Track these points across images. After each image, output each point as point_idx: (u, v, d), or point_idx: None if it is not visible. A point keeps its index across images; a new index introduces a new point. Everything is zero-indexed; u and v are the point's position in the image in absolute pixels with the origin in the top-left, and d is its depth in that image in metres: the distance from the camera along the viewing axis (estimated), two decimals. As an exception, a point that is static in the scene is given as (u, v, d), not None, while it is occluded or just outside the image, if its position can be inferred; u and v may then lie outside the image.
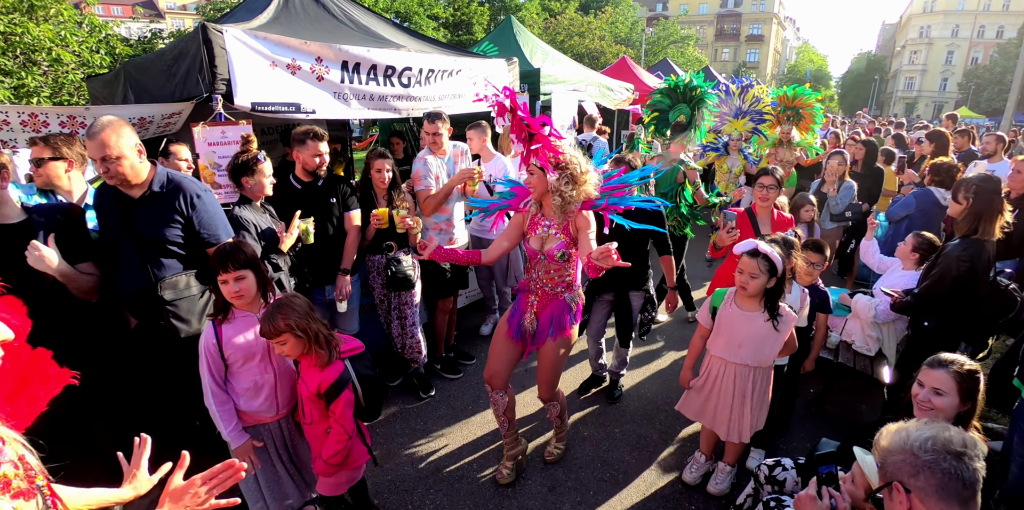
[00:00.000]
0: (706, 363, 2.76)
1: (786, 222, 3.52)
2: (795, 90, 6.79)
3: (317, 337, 1.99)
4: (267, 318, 1.94)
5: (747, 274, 2.44)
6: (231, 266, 2.02)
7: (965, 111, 32.28)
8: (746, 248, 2.46)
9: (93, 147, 2.11)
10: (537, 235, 2.65)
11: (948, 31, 51.53)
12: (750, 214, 3.58)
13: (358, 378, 2.11)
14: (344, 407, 2.03)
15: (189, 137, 3.33)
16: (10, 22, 6.93)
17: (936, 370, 1.85)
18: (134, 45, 10.29)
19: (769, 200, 3.49)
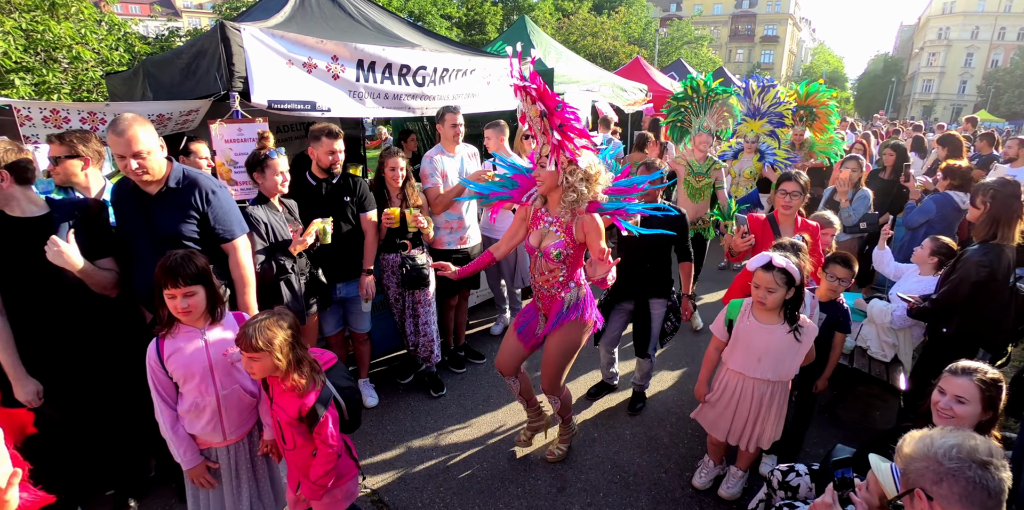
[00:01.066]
0: (720, 376, 2.67)
1: (812, 230, 3.34)
2: (808, 87, 6.37)
3: (299, 363, 1.88)
4: (251, 329, 1.81)
5: (764, 289, 2.36)
6: (180, 281, 1.88)
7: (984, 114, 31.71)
8: (760, 263, 2.37)
9: (122, 143, 2.11)
10: (538, 230, 2.58)
11: (968, 33, 50.74)
12: (772, 222, 3.39)
13: (338, 391, 2.01)
14: (331, 426, 1.94)
15: (206, 134, 3.37)
16: (32, 20, 7.05)
17: (959, 378, 1.82)
18: (152, 43, 10.42)
19: (792, 207, 3.30)
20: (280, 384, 1.90)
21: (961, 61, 51.46)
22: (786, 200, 3.29)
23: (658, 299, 3.37)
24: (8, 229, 2.13)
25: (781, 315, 2.42)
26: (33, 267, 2.13)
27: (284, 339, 1.83)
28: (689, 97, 5.34)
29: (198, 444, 2.07)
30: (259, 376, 1.89)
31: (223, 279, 2.39)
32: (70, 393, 2.32)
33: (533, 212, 2.61)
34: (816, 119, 6.30)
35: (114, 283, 2.32)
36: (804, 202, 3.35)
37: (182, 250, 1.96)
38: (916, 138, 8.07)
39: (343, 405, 2.01)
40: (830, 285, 2.98)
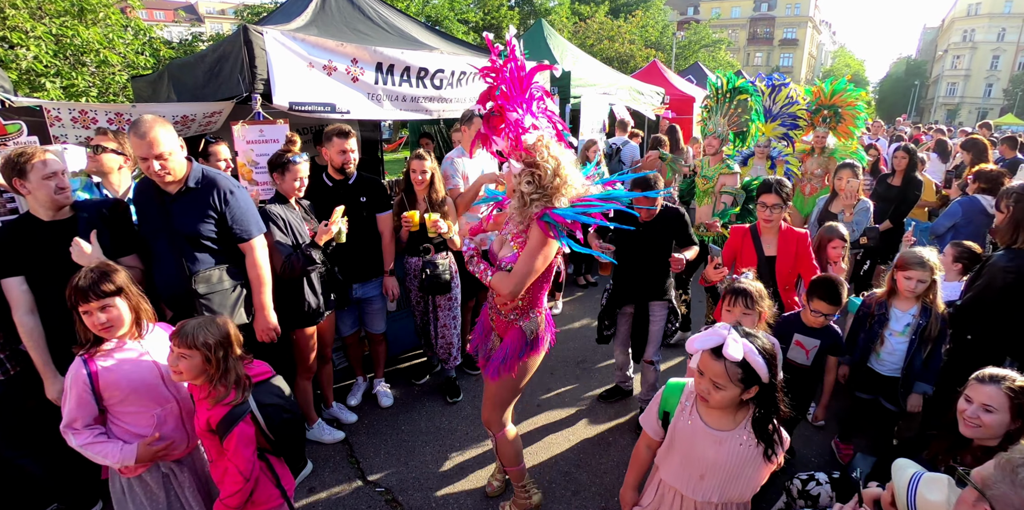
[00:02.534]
0: (654, 480, 1.93)
1: (795, 239, 3.04)
2: (834, 85, 5.67)
3: (225, 374, 1.78)
4: (189, 326, 1.76)
5: (708, 381, 1.59)
6: (92, 296, 1.77)
7: (1011, 118, 30.99)
8: (707, 345, 1.59)
9: (144, 145, 2.16)
10: (501, 236, 2.32)
11: (993, 35, 49.67)
12: (754, 233, 3.15)
13: (261, 408, 1.84)
14: (238, 444, 1.76)
15: (228, 135, 3.43)
16: (62, 25, 7.25)
17: (986, 386, 1.77)
18: (176, 48, 10.65)
19: (774, 221, 3.05)
20: (199, 391, 1.83)
21: (987, 64, 50.37)
22: (766, 213, 3.03)
23: (658, 302, 3.30)
24: (37, 232, 2.20)
25: (742, 421, 1.66)
26: (61, 267, 2.18)
27: (220, 343, 1.77)
28: (712, 96, 5.00)
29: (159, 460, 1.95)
30: (185, 377, 1.79)
31: (239, 279, 2.43)
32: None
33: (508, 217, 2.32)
34: (841, 121, 5.66)
35: (137, 280, 2.36)
36: (785, 213, 3.12)
37: (96, 264, 1.86)
38: (939, 141, 7.90)
39: (261, 422, 1.84)
40: (815, 319, 2.69)
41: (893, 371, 2.78)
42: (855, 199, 4.01)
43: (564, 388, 3.89)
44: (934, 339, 2.68)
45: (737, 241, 3.18)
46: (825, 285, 2.64)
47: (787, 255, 3.05)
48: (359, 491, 2.85)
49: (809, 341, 2.74)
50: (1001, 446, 1.77)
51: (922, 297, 2.69)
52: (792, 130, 5.83)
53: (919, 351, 2.69)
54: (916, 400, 2.73)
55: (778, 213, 3.03)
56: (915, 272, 2.65)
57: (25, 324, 2.17)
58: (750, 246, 3.13)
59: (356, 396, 3.62)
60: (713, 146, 4.52)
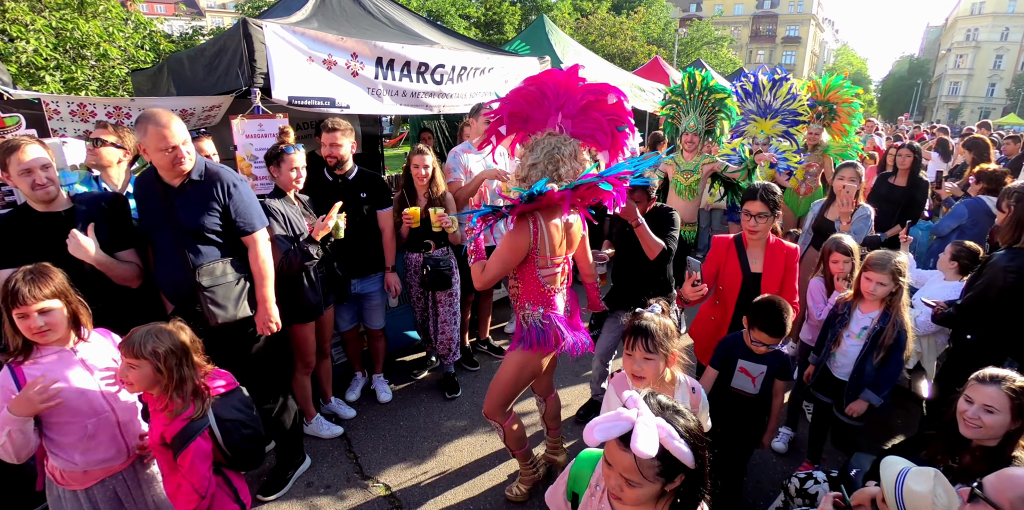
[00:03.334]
0: None
1: (783, 254, 2.72)
2: (829, 81, 5.45)
3: (180, 384, 1.69)
4: (137, 335, 1.67)
5: (618, 476, 1.27)
6: (30, 299, 1.66)
7: (1014, 118, 30.93)
8: (611, 434, 1.25)
9: (168, 136, 2.15)
10: None
11: (997, 34, 49.47)
12: (739, 244, 2.80)
13: (220, 423, 1.76)
14: (194, 460, 1.68)
15: (227, 129, 3.41)
16: (62, 18, 7.22)
17: (987, 386, 1.76)
18: (176, 41, 10.61)
19: (760, 232, 2.70)
20: (156, 402, 1.73)
21: (990, 63, 50.19)
22: (751, 223, 2.67)
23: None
24: (34, 223, 2.19)
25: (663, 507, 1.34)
26: (57, 260, 2.17)
27: (170, 351, 1.68)
28: (682, 93, 4.80)
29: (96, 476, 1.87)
30: (136, 389, 1.70)
31: (242, 272, 2.42)
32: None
33: None
34: (836, 118, 5.46)
35: (135, 275, 2.36)
36: (774, 223, 2.77)
37: (32, 265, 1.77)
38: (941, 140, 7.88)
39: (219, 438, 1.75)
40: (756, 348, 2.41)
41: (845, 375, 2.69)
42: (854, 205, 3.59)
43: (561, 384, 3.88)
44: (888, 347, 2.55)
45: (720, 253, 2.84)
46: (766, 312, 2.31)
47: (774, 272, 2.71)
48: (357, 486, 2.85)
49: (755, 367, 2.46)
50: (1000, 446, 1.77)
51: (886, 302, 2.58)
52: (793, 127, 5.56)
53: (870, 356, 2.58)
54: (859, 406, 2.61)
55: (764, 223, 2.66)
56: (875, 274, 2.53)
57: None
58: (735, 260, 2.79)
59: (355, 391, 3.62)
60: (692, 143, 4.54)
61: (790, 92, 5.45)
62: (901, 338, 2.55)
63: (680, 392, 2.04)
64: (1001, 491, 1.28)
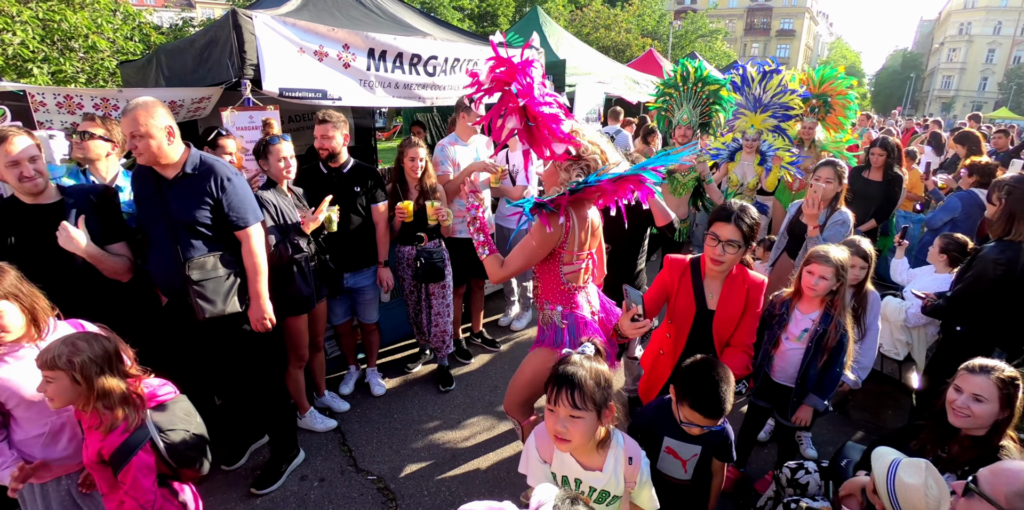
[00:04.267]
0: None
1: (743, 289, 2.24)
2: (823, 73, 5.23)
3: (104, 395, 1.58)
4: (52, 345, 1.58)
5: None
6: None
7: (1005, 112, 31.10)
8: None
9: (125, 123, 2.15)
10: None
11: (990, 28, 49.64)
12: (695, 269, 2.30)
13: (162, 434, 1.68)
14: (136, 475, 1.59)
15: (218, 122, 3.38)
16: (49, 9, 7.10)
17: (976, 376, 1.78)
18: (166, 33, 10.47)
19: (725, 264, 2.20)
20: (88, 419, 1.63)
21: (982, 57, 50.39)
22: (717, 251, 2.15)
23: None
24: (23, 215, 2.16)
25: None
26: (46, 253, 2.15)
27: (89, 360, 1.56)
28: (675, 85, 4.60)
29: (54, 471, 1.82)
30: (58, 404, 1.59)
31: (233, 268, 2.41)
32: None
33: None
34: (831, 111, 5.24)
35: (126, 268, 2.34)
36: (743, 255, 2.25)
37: None
38: (934, 134, 7.91)
39: (162, 450, 1.68)
40: (687, 429, 1.89)
41: (785, 379, 2.52)
42: (820, 208, 3.09)
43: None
44: (831, 349, 2.38)
45: (673, 278, 2.33)
46: (698, 387, 1.77)
47: (730, 311, 2.24)
48: (351, 479, 2.85)
49: (686, 449, 1.97)
50: (988, 436, 1.79)
51: (827, 302, 2.40)
52: (784, 121, 5.09)
53: (814, 361, 2.41)
54: (805, 413, 2.47)
55: (733, 254, 2.14)
56: (817, 266, 2.35)
57: None
58: (688, 290, 2.30)
59: (348, 385, 3.62)
60: (686, 137, 4.40)
61: (780, 85, 5.10)
62: (844, 339, 2.39)
63: (613, 460, 1.64)
64: (996, 486, 1.29)
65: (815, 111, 5.24)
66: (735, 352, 2.27)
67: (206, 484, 2.72)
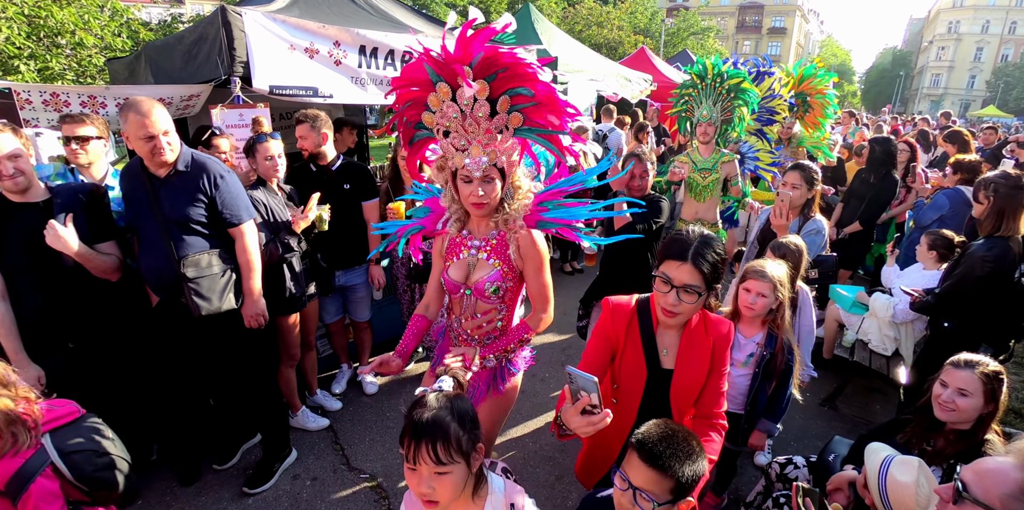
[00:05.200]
0: None
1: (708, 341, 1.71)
2: (803, 69, 5.09)
3: None
4: None
5: None
6: None
7: (993, 110, 31.48)
8: None
9: (148, 124, 2.11)
10: (462, 261, 1.92)
11: (978, 27, 50.11)
12: (643, 313, 1.74)
13: (64, 456, 1.54)
14: (38, 503, 1.46)
15: (207, 119, 3.35)
16: (35, 5, 7.00)
17: (961, 370, 1.81)
18: (155, 29, 10.36)
19: (681, 315, 1.63)
20: None
21: (971, 55, 50.87)
22: (670, 299, 1.58)
23: None
24: (9, 214, 2.14)
25: None
26: (34, 252, 2.13)
27: None
28: (695, 84, 4.46)
29: None
30: None
31: (228, 264, 2.40)
32: (72, 377, 2.33)
33: (449, 241, 1.98)
34: (810, 110, 5.09)
35: (115, 267, 2.32)
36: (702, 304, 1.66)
37: None
38: (921, 131, 7.98)
39: (67, 474, 1.54)
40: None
41: (734, 407, 2.32)
42: (789, 218, 2.83)
43: (548, 373, 3.91)
44: (779, 373, 2.25)
45: (617, 329, 1.76)
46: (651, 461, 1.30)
47: (692, 371, 1.70)
48: (343, 478, 2.85)
49: None
50: (973, 430, 1.82)
51: (769, 321, 2.27)
52: (768, 126, 5.09)
53: (763, 387, 2.27)
54: (759, 439, 2.37)
55: (691, 303, 1.57)
56: (754, 283, 2.19)
57: None
58: (636, 344, 1.74)
59: (341, 383, 3.61)
60: (708, 134, 4.15)
61: (770, 89, 5.03)
62: (792, 361, 2.26)
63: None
64: (988, 490, 1.25)
65: (794, 110, 5.09)
66: (703, 427, 1.72)
67: (198, 484, 2.73)
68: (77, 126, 2.51)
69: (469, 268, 1.91)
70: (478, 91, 1.62)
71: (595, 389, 1.34)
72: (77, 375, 2.34)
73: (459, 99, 1.64)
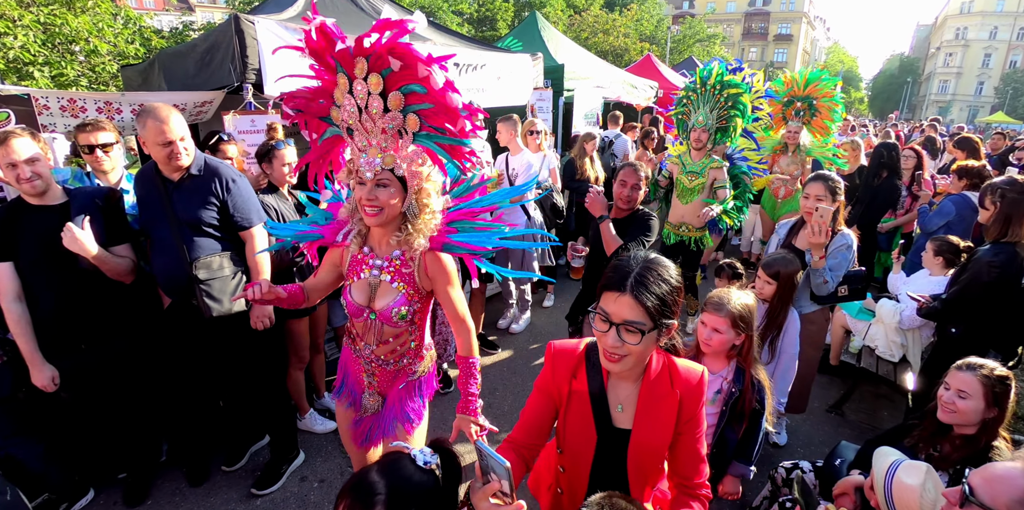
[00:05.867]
0: None
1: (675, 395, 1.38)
2: (807, 74, 4.95)
3: None
4: None
5: None
6: None
7: (1001, 116, 31.31)
8: None
9: (166, 130, 2.17)
10: (363, 282, 1.77)
11: (986, 33, 49.96)
12: (592, 368, 1.42)
13: None
14: None
15: (220, 125, 3.41)
16: (50, 13, 7.14)
17: (963, 373, 1.83)
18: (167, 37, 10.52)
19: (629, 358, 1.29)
20: None
21: (979, 62, 50.69)
22: (609, 340, 1.27)
23: None
24: (28, 216, 2.19)
25: None
26: (51, 254, 2.18)
27: None
28: (695, 89, 4.46)
29: None
30: None
31: (240, 266, 2.44)
32: (85, 378, 2.37)
33: (351, 258, 1.81)
34: (816, 115, 4.88)
35: (129, 270, 2.36)
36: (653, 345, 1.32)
37: None
38: (928, 138, 7.96)
39: None
40: None
41: None
42: (827, 235, 2.59)
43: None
44: (749, 414, 2.04)
45: (559, 381, 1.44)
46: None
47: (652, 432, 1.38)
48: (351, 480, 2.87)
49: None
50: (978, 435, 1.82)
51: (735, 355, 2.07)
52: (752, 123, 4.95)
53: (731, 427, 2.06)
54: (732, 485, 2.13)
55: (636, 344, 1.25)
56: (709, 316, 1.96)
57: (13, 311, 2.16)
58: (582, 399, 1.42)
59: (348, 387, 3.63)
60: (701, 140, 4.21)
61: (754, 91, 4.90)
62: (762, 397, 2.04)
63: None
64: (996, 495, 1.25)
65: (799, 115, 4.92)
66: (684, 498, 1.43)
67: (207, 484, 2.76)
68: (98, 133, 2.56)
69: (371, 290, 1.75)
70: (372, 85, 1.48)
71: (507, 476, 1.12)
72: (90, 375, 2.38)
73: (355, 93, 1.52)
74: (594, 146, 5.30)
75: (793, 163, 4.75)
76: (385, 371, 1.88)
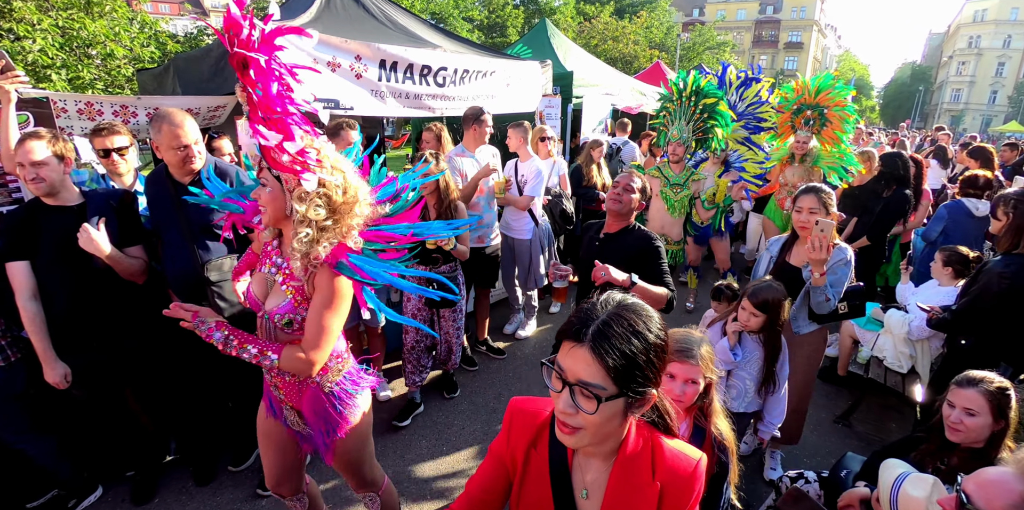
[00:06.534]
0: None
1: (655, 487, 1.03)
2: (818, 81, 4.70)
3: None
4: None
5: None
6: None
7: (1015, 126, 31.02)
8: None
9: (180, 135, 2.26)
10: (262, 275, 1.70)
11: (999, 41, 49.60)
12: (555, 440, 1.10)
13: None
14: None
15: (232, 130, 3.46)
16: (68, 17, 7.29)
17: (966, 389, 1.80)
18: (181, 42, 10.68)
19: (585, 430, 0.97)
20: None
21: (992, 70, 50.29)
22: (562, 402, 0.96)
23: None
24: (45, 217, 2.23)
25: None
26: (66, 254, 2.22)
27: None
28: (669, 98, 4.30)
29: None
30: None
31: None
32: (97, 376, 2.41)
33: (264, 244, 1.74)
34: (827, 124, 4.65)
35: (141, 270, 2.40)
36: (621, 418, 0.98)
37: None
38: (939, 147, 7.90)
39: None
40: None
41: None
42: (827, 252, 2.39)
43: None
44: (709, 480, 1.53)
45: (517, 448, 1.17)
46: None
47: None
48: (355, 483, 2.88)
49: None
50: (986, 448, 1.81)
51: (696, 410, 1.76)
52: (756, 134, 4.90)
53: None
54: None
55: (592, 414, 0.92)
56: (681, 367, 1.66)
57: (28, 309, 2.20)
58: (541, 475, 1.13)
59: (354, 390, 3.64)
60: (677, 154, 4.20)
61: (757, 95, 4.86)
62: (725, 459, 1.73)
63: None
64: (990, 501, 1.25)
65: (810, 124, 4.69)
66: None
67: (213, 484, 2.78)
68: (113, 137, 2.60)
69: (267, 287, 1.68)
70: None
71: None
72: (101, 373, 2.41)
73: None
74: (601, 153, 5.31)
75: (801, 174, 4.55)
76: (286, 382, 1.72)
